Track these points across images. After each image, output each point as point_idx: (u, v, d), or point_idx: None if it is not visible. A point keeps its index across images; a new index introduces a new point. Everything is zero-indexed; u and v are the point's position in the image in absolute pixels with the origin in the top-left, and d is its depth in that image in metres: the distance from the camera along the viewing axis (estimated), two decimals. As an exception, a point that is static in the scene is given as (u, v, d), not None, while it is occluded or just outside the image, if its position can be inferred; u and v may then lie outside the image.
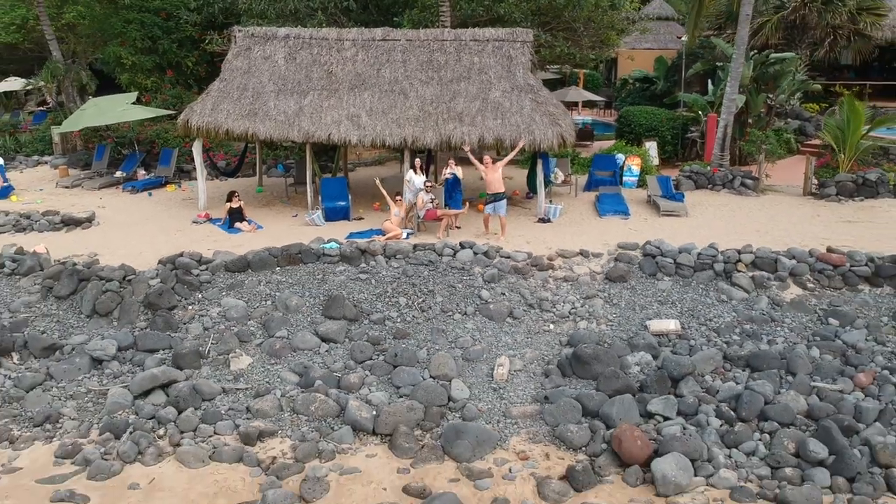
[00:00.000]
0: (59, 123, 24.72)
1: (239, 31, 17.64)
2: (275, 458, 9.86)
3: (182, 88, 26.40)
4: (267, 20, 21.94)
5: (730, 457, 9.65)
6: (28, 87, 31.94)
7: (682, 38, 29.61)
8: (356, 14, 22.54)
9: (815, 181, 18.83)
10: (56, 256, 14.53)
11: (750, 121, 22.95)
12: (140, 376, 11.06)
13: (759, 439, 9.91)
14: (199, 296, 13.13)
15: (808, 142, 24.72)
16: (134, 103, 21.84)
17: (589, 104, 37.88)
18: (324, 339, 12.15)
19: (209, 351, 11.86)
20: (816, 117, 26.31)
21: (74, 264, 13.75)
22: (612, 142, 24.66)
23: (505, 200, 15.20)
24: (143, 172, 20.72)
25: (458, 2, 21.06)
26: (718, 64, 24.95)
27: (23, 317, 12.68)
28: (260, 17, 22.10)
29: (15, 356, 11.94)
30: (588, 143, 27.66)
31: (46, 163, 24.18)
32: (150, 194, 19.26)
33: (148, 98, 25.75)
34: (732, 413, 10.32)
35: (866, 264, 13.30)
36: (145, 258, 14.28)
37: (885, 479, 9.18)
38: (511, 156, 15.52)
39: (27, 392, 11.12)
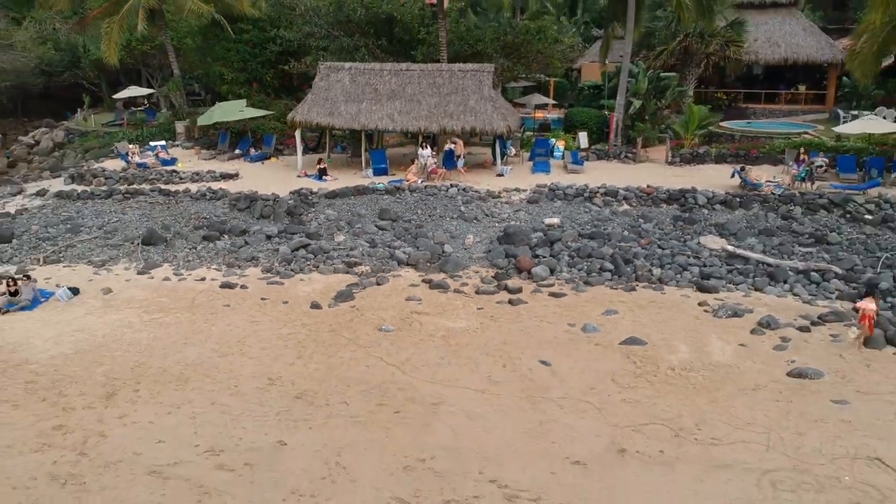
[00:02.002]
0: (180, 119, 35.97)
1: (322, 64, 28.88)
2: (362, 272, 21.04)
3: (264, 96, 37.52)
4: (328, 52, 33.10)
5: (570, 269, 20.82)
6: (150, 94, 43.09)
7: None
8: (385, 48, 33.65)
9: (671, 155, 29.99)
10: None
11: (647, 117, 34.01)
12: (294, 241, 22.30)
13: (586, 265, 21.05)
14: (313, 209, 24.38)
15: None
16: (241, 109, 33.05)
17: (558, 105, 48.94)
18: (379, 228, 23.34)
19: (322, 233, 23.09)
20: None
21: (246, 194, 25.03)
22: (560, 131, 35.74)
23: (463, 160, 26.41)
24: (254, 150, 31.94)
25: (451, 42, 32.17)
26: (629, 79, 36.00)
27: (223, 218, 23.94)
28: (323, 51, 33.27)
29: (225, 236, 23.18)
30: (546, 133, 38.73)
31: (178, 145, 35.33)
32: (262, 163, 30.51)
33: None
34: (576, 254, 21.47)
35: (664, 193, 24.48)
36: (278, 191, 25.52)
37: (636, 278, 20.34)
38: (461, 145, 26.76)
39: (238, 249, 22.37)
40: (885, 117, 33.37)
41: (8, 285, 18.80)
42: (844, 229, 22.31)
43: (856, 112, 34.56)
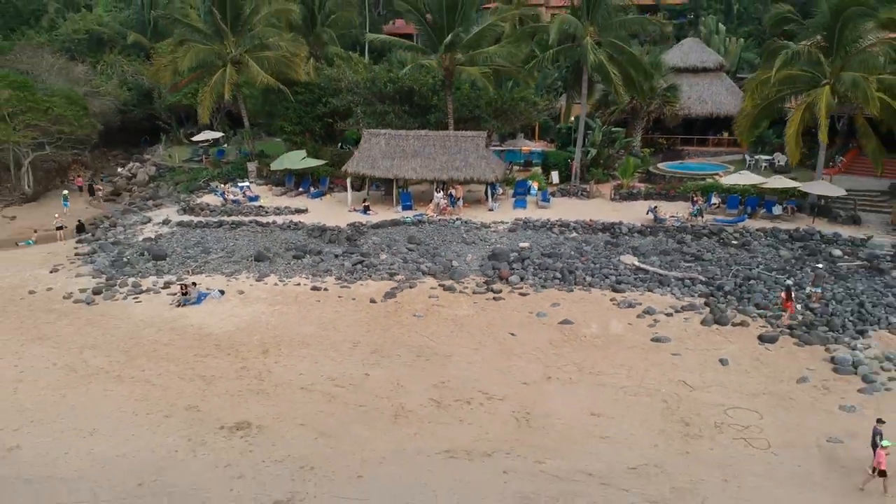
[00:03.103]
0: (250, 160, 46.90)
1: (366, 131, 39.73)
2: (399, 279, 31.85)
3: (313, 143, 48.30)
4: (365, 115, 43.94)
5: (533, 277, 31.58)
6: (221, 138, 53.95)
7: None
8: (408, 111, 44.38)
9: (613, 193, 40.79)
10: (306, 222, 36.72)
11: (601, 162, 44.71)
12: (353, 258, 33.14)
13: (544, 274, 31.79)
14: (363, 236, 35.28)
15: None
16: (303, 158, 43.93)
17: (543, 138, 59.67)
18: (408, 249, 34.18)
19: (371, 252, 33.98)
20: (649, 157, 48.05)
21: (317, 225, 36.00)
22: (539, 167, 46.42)
23: (462, 200, 37.27)
24: (313, 188, 42.81)
25: (456, 108, 42.92)
26: (588, 131, 46.76)
27: (304, 243, 34.85)
28: (362, 113, 44.13)
29: (307, 256, 34.01)
30: (529, 168, 49.53)
31: (252, 181, 46.05)
32: (320, 199, 41.38)
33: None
34: (538, 267, 32.22)
35: (600, 224, 35.33)
36: (338, 222, 36.45)
37: (575, 283, 31.13)
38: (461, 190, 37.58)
39: (317, 264, 33.21)
40: (778, 161, 44.22)
41: (182, 289, 29.77)
42: (716, 250, 33.15)
43: (759, 156, 45.34)
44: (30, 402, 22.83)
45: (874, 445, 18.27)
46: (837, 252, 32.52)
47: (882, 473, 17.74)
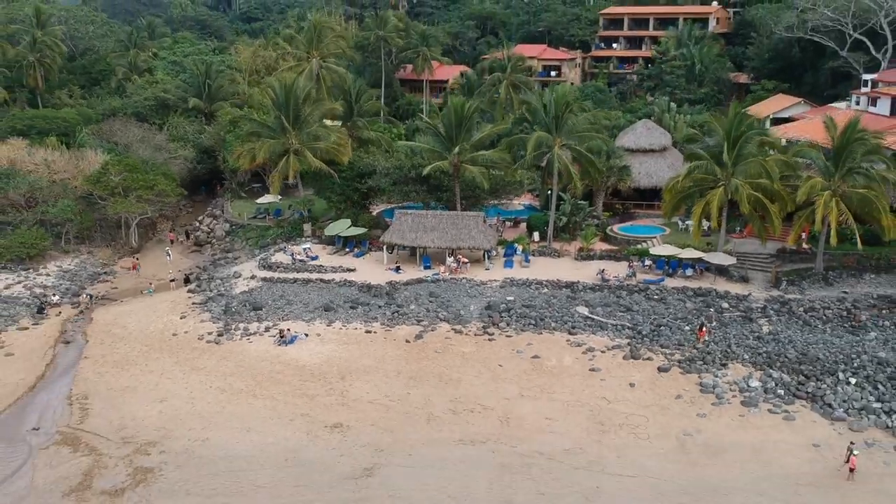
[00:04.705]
0: (305, 222, 60.51)
1: (398, 212, 53.26)
2: (424, 325, 45.32)
3: (353, 210, 61.54)
4: (394, 193, 57.48)
5: (516, 324, 45.04)
6: (279, 200, 67.35)
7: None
8: (425, 190, 57.76)
9: (576, 254, 54.25)
10: (358, 280, 50.41)
11: (570, 227, 58.09)
12: (392, 308, 46.59)
13: (523, 322, 45.26)
14: (398, 291, 48.83)
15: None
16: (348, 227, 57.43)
17: (530, 191, 73.06)
18: (429, 301, 47.65)
19: (403, 304, 47.51)
20: (607, 220, 61.55)
21: (364, 283, 49.64)
22: (525, 223, 59.71)
23: (468, 263, 50.94)
24: (357, 249, 56.32)
25: (461, 190, 56.35)
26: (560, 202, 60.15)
27: (357, 296, 48.39)
28: (392, 192, 57.63)
29: (360, 307, 47.57)
30: (517, 225, 63.02)
31: (309, 239, 59.41)
32: (363, 258, 54.91)
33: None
34: (519, 316, 45.67)
35: (564, 283, 48.88)
36: (379, 280, 50.09)
37: (544, 328, 44.69)
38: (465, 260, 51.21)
39: (367, 313, 46.80)
40: (704, 227, 57.60)
41: (280, 333, 43.41)
42: (642, 304, 46.64)
43: (689, 221, 58.72)
44: (204, 411, 36.54)
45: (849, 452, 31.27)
46: (725, 305, 46.07)
47: (852, 471, 30.83)
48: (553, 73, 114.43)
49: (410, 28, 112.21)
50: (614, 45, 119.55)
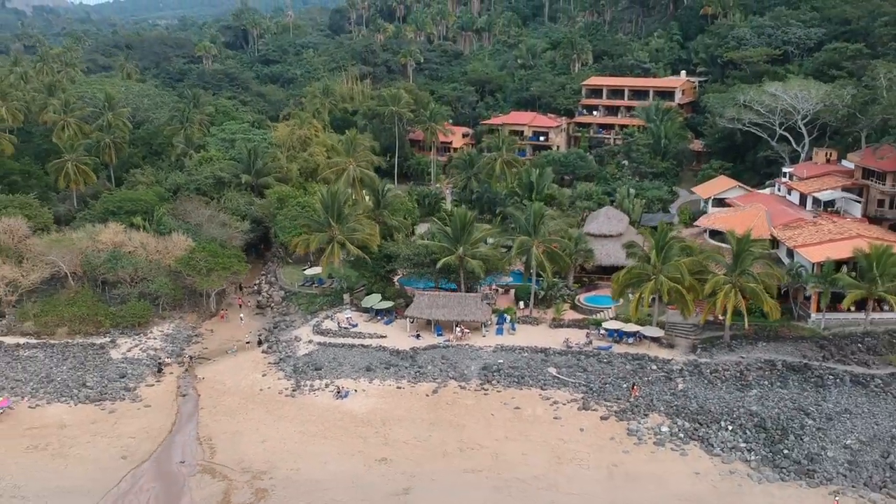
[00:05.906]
0: (345, 292, 77.70)
1: (418, 292, 70.44)
2: (438, 382, 62.39)
3: (382, 284, 78.54)
4: (412, 273, 74.67)
5: (504, 381, 62.13)
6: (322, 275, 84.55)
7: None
8: (438, 272, 74.82)
9: (552, 323, 71.31)
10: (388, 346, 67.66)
11: (547, 299, 75.10)
12: (415, 369, 63.83)
13: (509, 379, 62.29)
14: (419, 354, 65.99)
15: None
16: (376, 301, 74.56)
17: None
18: (442, 363, 64.73)
19: (423, 366, 64.62)
20: (577, 290, 78.71)
21: (394, 348, 66.89)
22: (513, 291, 76.81)
23: (469, 332, 68.21)
24: (386, 317, 73.35)
25: (465, 273, 73.44)
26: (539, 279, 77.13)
27: (389, 358, 65.59)
28: (411, 272, 74.83)
29: (391, 367, 64.77)
30: (508, 291, 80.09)
31: (348, 306, 76.49)
32: (391, 325, 71.97)
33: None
34: (506, 375, 62.74)
35: (539, 348, 66.03)
36: (404, 345, 67.32)
37: (525, 385, 61.81)
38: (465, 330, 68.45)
39: (396, 373, 63.95)
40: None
41: (337, 389, 60.64)
42: (595, 366, 63.70)
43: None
44: (293, 449, 53.74)
45: None
46: (654, 367, 63.22)
47: None
48: (542, 139, 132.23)
49: (420, 102, 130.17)
50: (594, 112, 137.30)
